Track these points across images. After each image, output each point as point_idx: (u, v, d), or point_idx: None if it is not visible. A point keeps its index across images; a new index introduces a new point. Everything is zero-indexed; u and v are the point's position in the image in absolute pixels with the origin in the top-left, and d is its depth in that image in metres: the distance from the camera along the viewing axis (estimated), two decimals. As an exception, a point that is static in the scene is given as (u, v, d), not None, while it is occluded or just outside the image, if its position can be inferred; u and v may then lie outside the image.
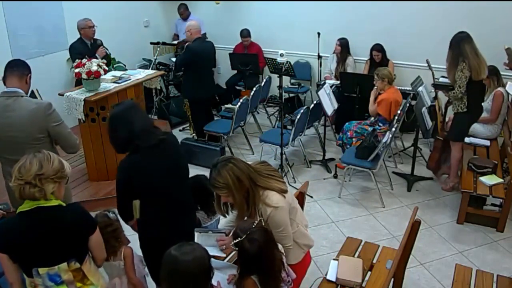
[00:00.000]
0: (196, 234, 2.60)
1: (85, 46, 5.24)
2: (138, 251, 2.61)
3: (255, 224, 2.10)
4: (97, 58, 5.04)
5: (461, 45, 4.03)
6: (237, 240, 2.05)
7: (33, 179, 1.91)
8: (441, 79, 4.63)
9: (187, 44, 5.25)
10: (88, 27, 5.18)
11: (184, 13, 7.01)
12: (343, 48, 6.12)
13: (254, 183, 2.21)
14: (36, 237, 1.94)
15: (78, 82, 4.74)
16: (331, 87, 5.32)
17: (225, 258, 2.76)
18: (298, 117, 4.83)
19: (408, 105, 5.05)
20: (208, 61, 5.37)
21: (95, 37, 5.31)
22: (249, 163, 2.33)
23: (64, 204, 2.03)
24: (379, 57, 5.91)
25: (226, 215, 2.46)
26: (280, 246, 2.24)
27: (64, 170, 2.01)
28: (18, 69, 2.83)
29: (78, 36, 5.27)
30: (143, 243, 2.52)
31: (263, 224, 2.18)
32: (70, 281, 2.04)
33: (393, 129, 4.48)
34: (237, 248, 2.08)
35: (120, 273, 2.47)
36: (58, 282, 2.02)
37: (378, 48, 5.89)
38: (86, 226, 2.08)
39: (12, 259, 1.98)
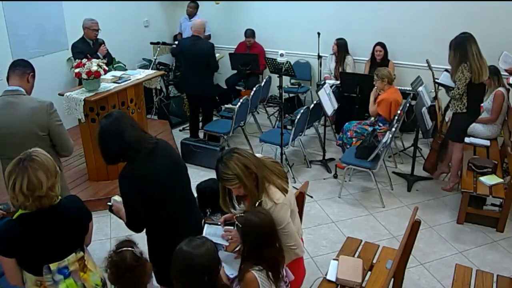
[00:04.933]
0: (205, 226, 2.63)
1: (87, 45, 5.28)
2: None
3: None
4: (99, 57, 5.06)
5: (466, 46, 4.00)
6: (240, 215, 2.11)
7: (46, 192, 1.91)
8: (444, 73, 4.57)
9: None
10: (92, 29, 5.22)
11: (192, 10, 6.92)
12: (340, 48, 6.12)
13: (260, 171, 2.21)
14: (46, 236, 1.95)
15: (81, 82, 4.76)
16: (331, 87, 5.32)
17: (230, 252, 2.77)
18: (298, 117, 4.83)
19: (408, 105, 5.06)
20: (195, 60, 5.37)
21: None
22: (258, 155, 2.34)
23: (60, 197, 2.05)
24: (381, 53, 5.89)
25: (233, 209, 2.44)
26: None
27: (56, 165, 2.00)
28: (20, 68, 2.86)
29: (79, 36, 5.30)
30: (153, 247, 2.48)
31: None
32: (76, 271, 2.07)
33: (393, 129, 4.48)
34: (240, 225, 2.10)
35: None
36: (66, 274, 2.05)
37: (381, 44, 5.89)
38: (86, 216, 2.14)
39: (19, 261, 1.97)
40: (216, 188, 2.94)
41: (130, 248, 2.10)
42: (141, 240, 2.45)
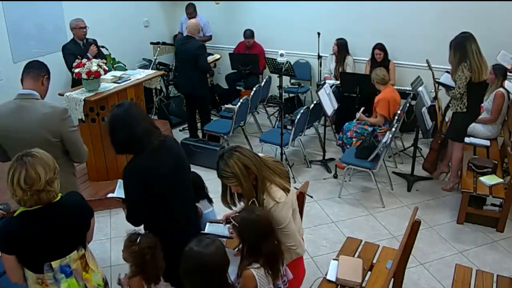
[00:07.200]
0: (207, 224, 2.63)
1: (78, 46, 5.24)
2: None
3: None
4: (89, 57, 5.03)
5: (466, 45, 4.01)
6: (238, 213, 2.13)
7: (44, 186, 1.91)
8: (446, 74, 4.58)
9: None
10: (79, 28, 5.19)
11: (192, 14, 6.94)
12: (341, 48, 6.12)
13: (260, 172, 2.22)
14: (48, 233, 1.96)
15: (75, 83, 4.74)
16: (331, 87, 5.32)
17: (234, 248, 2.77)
18: (298, 117, 4.83)
19: (408, 105, 5.06)
20: (185, 59, 5.43)
21: (87, 37, 5.31)
22: (260, 155, 2.33)
23: (61, 194, 2.05)
24: (381, 56, 5.89)
25: (233, 207, 2.44)
26: None
27: (55, 162, 2.01)
28: (33, 70, 2.74)
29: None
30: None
31: None
32: (78, 270, 2.07)
33: (393, 129, 4.48)
34: (236, 224, 2.10)
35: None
36: (68, 273, 2.04)
37: (380, 47, 5.88)
38: (87, 212, 2.15)
39: (19, 258, 1.98)
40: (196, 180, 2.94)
41: (138, 233, 2.27)
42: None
